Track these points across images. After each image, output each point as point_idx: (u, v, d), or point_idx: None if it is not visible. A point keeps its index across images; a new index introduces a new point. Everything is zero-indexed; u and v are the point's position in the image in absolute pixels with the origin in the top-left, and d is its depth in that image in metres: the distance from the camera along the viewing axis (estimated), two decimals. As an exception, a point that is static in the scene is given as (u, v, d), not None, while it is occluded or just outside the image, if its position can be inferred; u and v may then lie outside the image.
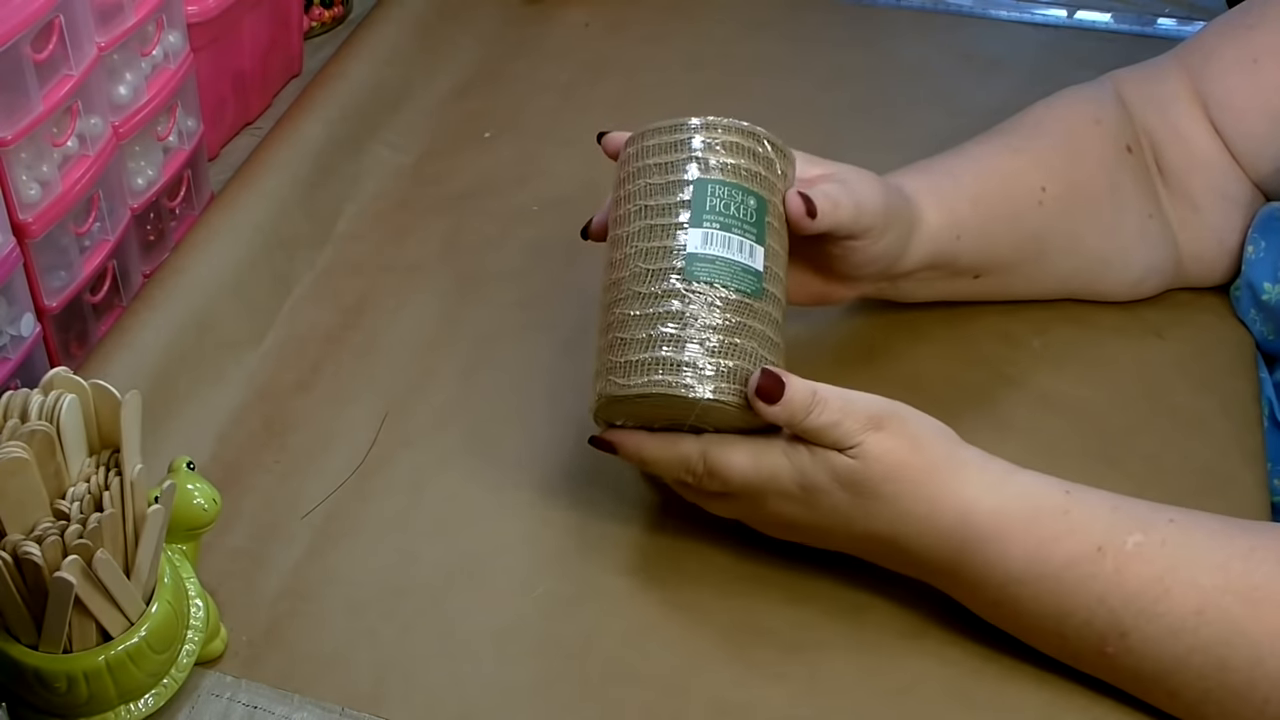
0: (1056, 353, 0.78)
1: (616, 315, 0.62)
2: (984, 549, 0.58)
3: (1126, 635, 0.57)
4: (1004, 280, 0.76)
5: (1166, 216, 0.77)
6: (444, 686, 0.61)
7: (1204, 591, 0.56)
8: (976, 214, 0.72)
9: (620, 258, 0.63)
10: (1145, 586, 0.56)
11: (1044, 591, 0.58)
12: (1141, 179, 0.77)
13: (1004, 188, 0.74)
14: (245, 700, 0.60)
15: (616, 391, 0.60)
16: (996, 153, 0.75)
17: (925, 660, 0.62)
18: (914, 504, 0.59)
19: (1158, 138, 0.77)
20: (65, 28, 0.68)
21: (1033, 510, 0.59)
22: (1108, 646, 0.57)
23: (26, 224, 0.68)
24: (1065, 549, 0.58)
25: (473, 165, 0.93)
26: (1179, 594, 0.56)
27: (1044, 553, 0.58)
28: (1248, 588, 0.55)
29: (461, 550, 0.67)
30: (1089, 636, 0.58)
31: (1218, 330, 0.79)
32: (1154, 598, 0.56)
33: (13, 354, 0.69)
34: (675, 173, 0.63)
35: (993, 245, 0.74)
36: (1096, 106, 0.78)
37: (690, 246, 0.61)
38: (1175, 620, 0.56)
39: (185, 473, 0.61)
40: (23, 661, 0.55)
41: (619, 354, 0.61)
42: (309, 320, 0.81)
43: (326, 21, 1.07)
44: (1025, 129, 0.77)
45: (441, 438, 0.73)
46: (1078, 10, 1.09)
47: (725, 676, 0.61)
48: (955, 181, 0.73)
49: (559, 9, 1.10)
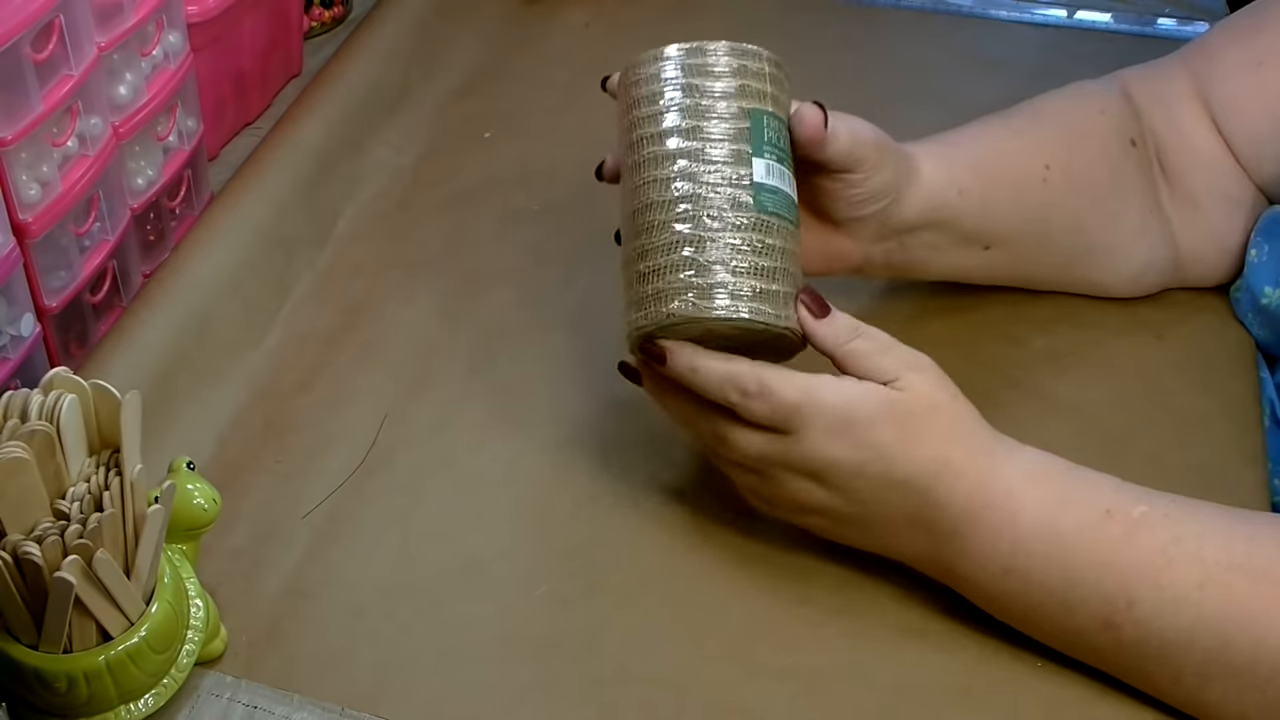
0: (1058, 354, 0.78)
1: (657, 241, 0.60)
2: (1003, 505, 0.59)
3: (1133, 605, 0.57)
4: (1012, 256, 0.76)
5: (1167, 214, 0.77)
6: (444, 686, 0.61)
7: (1207, 566, 0.56)
8: (978, 180, 0.72)
9: (653, 181, 0.61)
10: (1151, 555, 0.57)
11: (1053, 554, 0.58)
12: (1144, 174, 0.77)
13: (1006, 161, 0.74)
14: (245, 700, 0.60)
15: (686, 311, 0.59)
16: (998, 132, 0.76)
17: (926, 660, 0.62)
18: (953, 446, 0.59)
19: (1161, 137, 0.77)
20: (65, 28, 0.68)
21: (1044, 473, 0.60)
22: (1115, 616, 0.57)
23: (26, 224, 0.68)
24: (1074, 512, 0.58)
25: (473, 165, 0.93)
26: (1183, 567, 0.57)
27: (1054, 514, 0.58)
28: (1249, 566, 0.56)
29: (461, 550, 0.67)
30: (1095, 606, 0.58)
31: (1218, 331, 0.79)
32: (1159, 567, 0.57)
33: (13, 354, 0.69)
34: (718, 99, 0.62)
35: (996, 213, 0.73)
36: (1102, 99, 0.78)
37: (757, 176, 0.61)
38: (1179, 593, 0.56)
39: (185, 473, 0.61)
40: (23, 661, 0.55)
41: (662, 279, 0.60)
42: (309, 320, 0.81)
43: (326, 21, 1.07)
44: (1029, 114, 0.77)
45: (441, 438, 0.73)
46: (1078, 10, 1.09)
47: (726, 676, 0.61)
48: (956, 149, 0.73)
49: (559, 9, 1.10)
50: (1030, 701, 0.60)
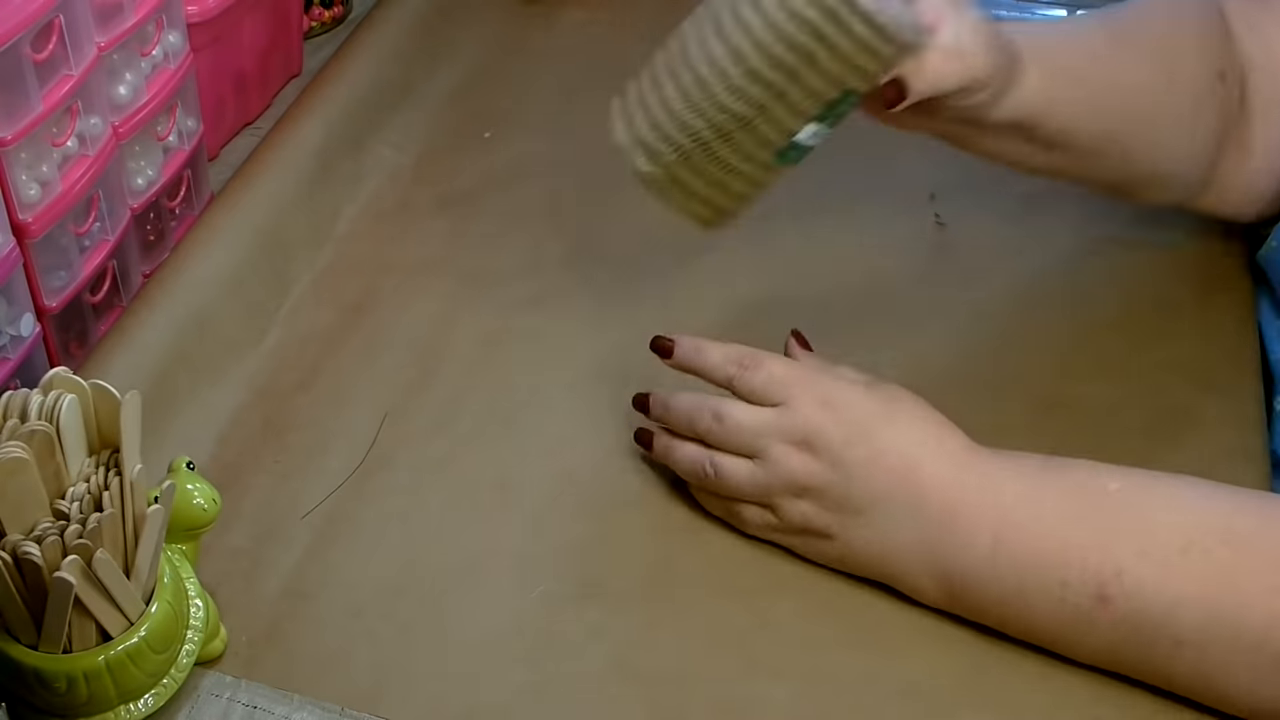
0: (1058, 354, 0.78)
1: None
2: (987, 486, 0.61)
3: (1122, 574, 0.58)
4: (1077, 164, 0.76)
5: (1236, 144, 0.78)
6: (444, 686, 0.61)
7: (1187, 532, 0.57)
8: (1070, 89, 0.71)
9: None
10: (1133, 524, 0.58)
11: (1040, 530, 0.59)
12: (1224, 111, 0.77)
13: (1102, 76, 0.74)
14: (245, 700, 0.60)
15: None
16: (1099, 48, 0.75)
17: (927, 660, 0.62)
18: (937, 425, 0.62)
19: (1252, 65, 0.77)
20: (65, 28, 0.68)
21: (1016, 461, 0.62)
22: (1106, 588, 0.58)
23: (26, 224, 0.68)
24: (1054, 490, 0.60)
25: (473, 165, 0.93)
26: (1164, 534, 0.58)
27: (1036, 493, 0.60)
28: (1231, 533, 0.57)
29: (461, 550, 0.67)
30: (1087, 581, 0.58)
31: (1218, 332, 0.79)
32: (1141, 534, 0.58)
33: (13, 354, 0.69)
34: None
35: (1075, 127, 0.73)
36: (1202, 26, 0.77)
37: (801, 138, 0.64)
38: (1163, 557, 0.57)
39: (185, 473, 0.61)
40: (23, 661, 0.55)
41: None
42: (309, 320, 0.81)
43: (326, 21, 1.07)
44: (1131, 29, 0.77)
45: (441, 438, 0.73)
46: (1078, 10, 1.09)
47: (726, 675, 0.61)
48: (1059, 42, 0.73)
49: (559, 9, 1.10)
50: (1030, 701, 0.60)
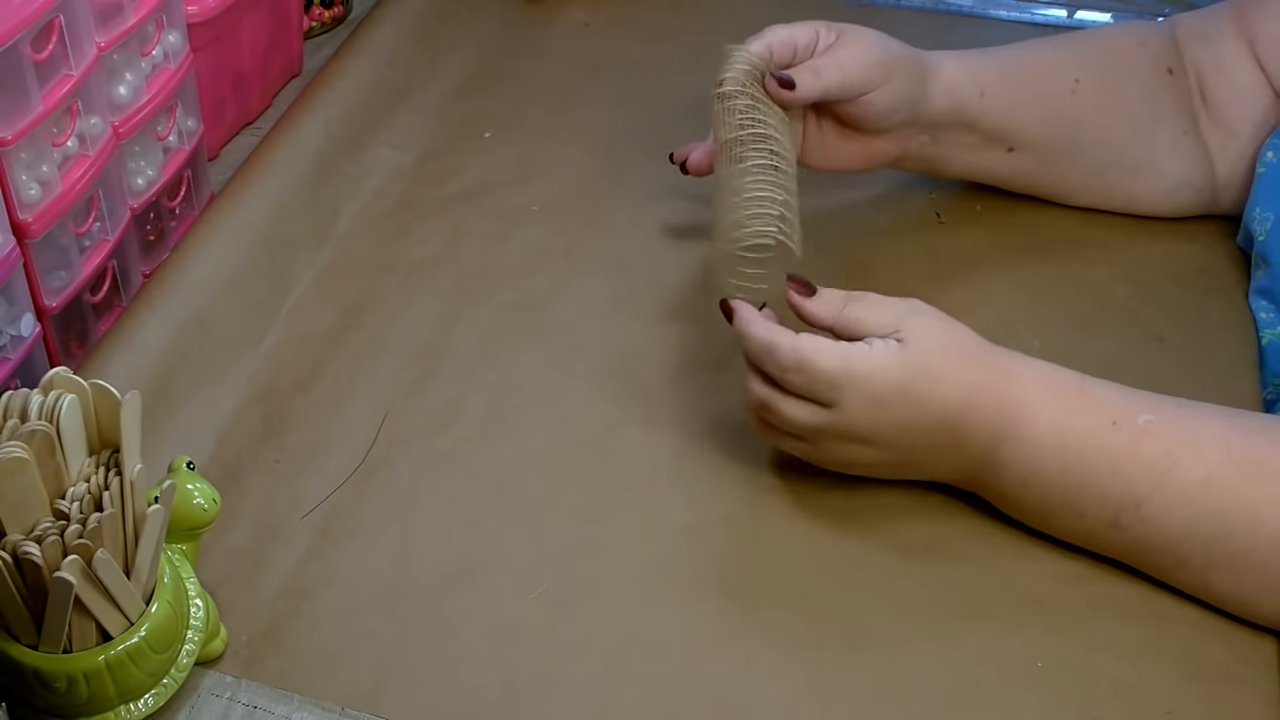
0: (1057, 354, 0.78)
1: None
2: (1021, 415, 0.62)
3: (1140, 505, 0.60)
4: (1038, 161, 0.81)
5: (1204, 138, 0.82)
6: (444, 686, 0.61)
7: (1208, 465, 0.60)
8: (1003, 82, 0.77)
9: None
10: (1156, 458, 0.60)
11: (1068, 462, 0.61)
12: (1180, 99, 0.81)
13: (1034, 70, 0.79)
14: (245, 700, 0.60)
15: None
16: (1032, 46, 0.81)
17: (926, 661, 0.62)
18: (971, 371, 0.62)
19: (1203, 68, 0.82)
20: (65, 28, 0.68)
21: (1054, 382, 0.64)
22: (1122, 517, 0.61)
23: (26, 224, 0.68)
24: (1085, 419, 0.62)
25: (473, 165, 0.93)
26: (1186, 468, 0.60)
27: (1068, 421, 0.62)
28: (1246, 461, 0.60)
29: (461, 550, 0.67)
30: (1106, 509, 0.61)
31: (1219, 334, 0.79)
32: (1164, 468, 0.60)
33: (13, 354, 0.69)
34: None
35: (1021, 117, 0.78)
36: (1144, 32, 0.83)
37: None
38: (1184, 492, 0.60)
39: (185, 473, 0.61)
40: (23, 661, 0.55)
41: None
42: (309, 320, 0.81)
43: (326, 21, 1.07)
44: (1068, 35, 0.83)
45: (441, 438, 0.73)
46: (1078, 10, 1.09)
47: (725, 675, 0.61)
48: (985, 56, 0.79)
49: (559, 9, 1.10)
50: (1030, 701, 0.60)
